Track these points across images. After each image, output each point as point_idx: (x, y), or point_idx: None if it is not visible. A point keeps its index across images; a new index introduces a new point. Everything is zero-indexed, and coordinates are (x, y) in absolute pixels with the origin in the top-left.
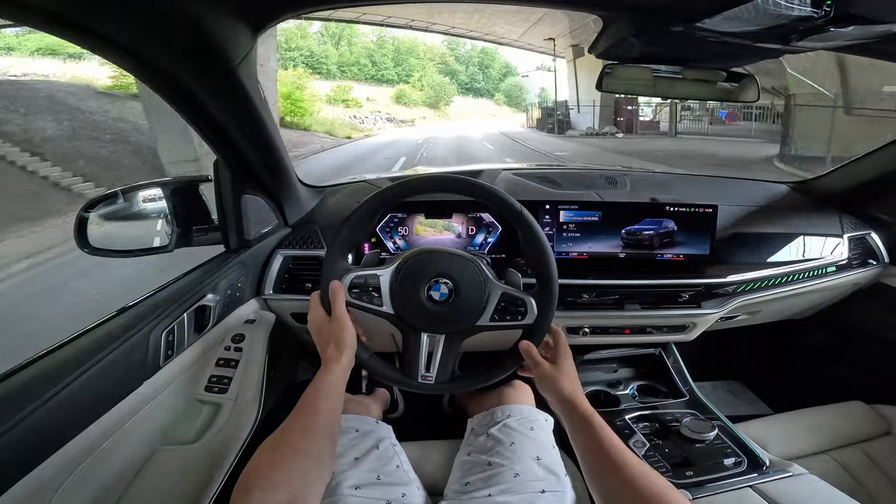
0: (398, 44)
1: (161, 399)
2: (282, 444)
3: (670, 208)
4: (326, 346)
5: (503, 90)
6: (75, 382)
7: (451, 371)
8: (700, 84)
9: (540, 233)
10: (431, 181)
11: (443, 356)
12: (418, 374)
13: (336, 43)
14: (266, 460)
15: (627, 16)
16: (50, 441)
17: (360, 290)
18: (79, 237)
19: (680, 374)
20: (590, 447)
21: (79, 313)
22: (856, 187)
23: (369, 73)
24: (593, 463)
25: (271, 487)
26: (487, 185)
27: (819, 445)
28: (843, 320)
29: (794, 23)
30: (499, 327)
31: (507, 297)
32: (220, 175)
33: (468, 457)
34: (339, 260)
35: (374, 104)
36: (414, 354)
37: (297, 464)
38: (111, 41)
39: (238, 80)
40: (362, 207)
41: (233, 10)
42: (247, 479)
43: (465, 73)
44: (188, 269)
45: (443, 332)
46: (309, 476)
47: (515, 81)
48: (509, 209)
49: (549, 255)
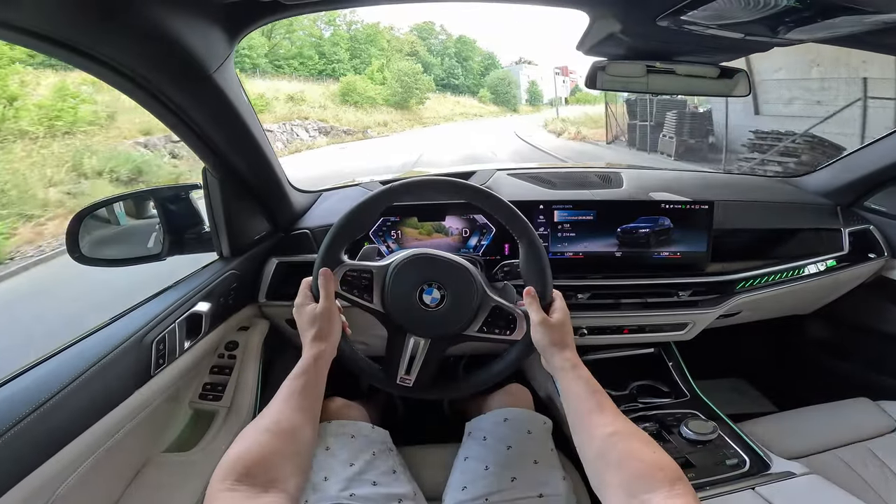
0: (356, 32)
1: (155, 407)
2: (260, 430)
3: (666, 205)
4: (309, 333)
5: (488, 85)
6: (68, 389)
7: (432, 376)
8: (694, 80)
9: (542, 250)
10: (440, 184)
11: (425, 360)
12: (398, 376)
13: (269, 32)
14: (243, 448)
15: (612, 11)
16: (43, 448)
17: (353, 283)
18: (70, 246)
19: (680, 373)
20: (571, 392)
21: None
22: (854, 180)
23: (316, 67)
24: (572, 410)
25: (249, 475)
26: (496, 195)
27: (824, 443)
28: (847, 315)
29: (781, 14)
30: (486, 339)
31: (499, 309)
32: (209, 182)
33: (466, 461)
34: (334, 250)
35: (300, 107)
36: (396, 354)
37: (276, 449)
38: (85, 52)
39: (217, 88)
40: (368, 200)
41: (209, 19)
42: (222, 469)
43: (441, 67)
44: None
45: (429, 337)
46: (289, 462)
47: (502, 74)
48: (515, 223)
49: (548, 274)
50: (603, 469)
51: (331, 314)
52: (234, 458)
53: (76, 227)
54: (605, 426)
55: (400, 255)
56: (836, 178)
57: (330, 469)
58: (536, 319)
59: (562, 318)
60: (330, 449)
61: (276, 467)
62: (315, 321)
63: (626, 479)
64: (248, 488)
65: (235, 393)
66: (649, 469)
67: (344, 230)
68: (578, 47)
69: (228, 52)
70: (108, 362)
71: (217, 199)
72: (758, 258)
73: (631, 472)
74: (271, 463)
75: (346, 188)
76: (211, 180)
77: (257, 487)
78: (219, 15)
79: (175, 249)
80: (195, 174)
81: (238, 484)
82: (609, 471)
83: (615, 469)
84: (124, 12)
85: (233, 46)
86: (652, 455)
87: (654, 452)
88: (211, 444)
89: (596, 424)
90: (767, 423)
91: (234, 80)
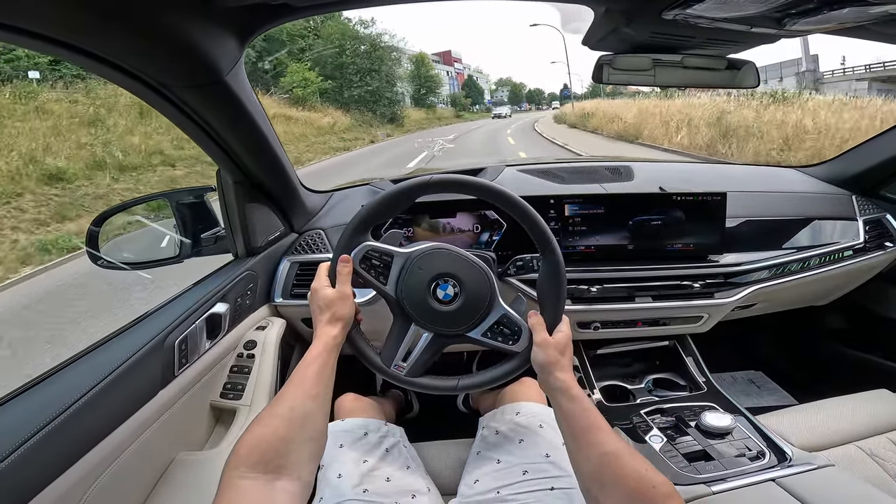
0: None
1: (178, 406)
2: (273, 416)
3: (678, 197)
4: (322, 317)
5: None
6: (93, 391)
7: (425, 369)
8: (701, 72)
9: (563, 273)
10: (465, 183)
11: (422, 353)
12: (393, 362)
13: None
14: (256, 434)
15: (618, 6)
16: (73, 450)
17: (372, 262)
18: (90, 251)
19: (697, 365)
20: (565, 412)
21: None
22: (869, 169)
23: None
24: (566, 430)
25: (262, 462)
26: (531, 209)
27: (845, 435)
28: (865, 305)
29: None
30: (487, 345)
31: (507, 318)
32: (223, 185)
33: (478, 455)
34: (354, 236)
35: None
36: (396, 342)
37: (288, 435)
38: (100, 58)
39: (230, 91)
40: (405, 187)
41: (220, 23)
42: (236, 456)
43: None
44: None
45: (433, 331)
46: (301, 448)
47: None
48: (542, 237)
49: (563, 301)
50: (597, 488)
51: (345, 299)
52: (247, 445)
53: (95, 231)
54: (597, 445)
55: (423, 245)
56: (850, 167)
57: (344, 465)
58: (539, 339)
59: (563, 341)
60: (344, 446)
61: (289, 454)
62: (329, 305)
63: (620, 497)
64: (261, 475)
65: (255, 391)
66: (643, 487)
67: (373, 214)
68: (584, 42)
69: (239, 55)
70: (134, 363)
71: (231, 200)
72: (772, 248)
73: (625, 490)
74: (285, 450)
75: (357, 187)
76: (225, 182)
77: (270, 474)
78: (229, 18)
79: (191, 252)
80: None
81: (251, 471)
82: (604, 490)
83: (609, 488)
84: (136, 17)
85: (244, 49)
86: (644, 473)
87: (646, 470)
88: (233, 443)
89: (589, 444)
90: (786, 416)
91: (246, 83)
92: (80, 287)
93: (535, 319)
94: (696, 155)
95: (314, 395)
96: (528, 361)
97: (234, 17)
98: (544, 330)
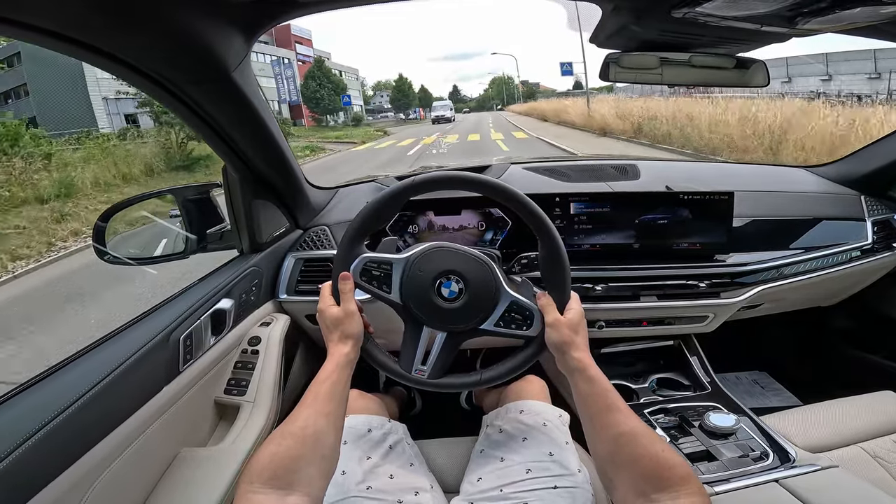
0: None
1: (183, 402)
2: (286, 435)
3: (685, 196)
4: (333, 336)
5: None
6: (98, 387)
7: (447, 369)
8: (709, 70)
9: (564, 255)
10: (460, 179)
11: (440, 353)
12: (413, 367)
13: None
14: (270, 452)
15: (627, 3)
16: (76, 447)
17: (372, 273)
18: (98, 247)
19: (702, 365)
20: (582, 393)
21: None
22: (878, 169)
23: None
24: (583, 410)
25: (275, 478)
26: (518, 192)
27: (849, 437)
28: (871, 307)
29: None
30: (502, 334)
31: (516, 304)
32: (229, 181)
33: (482, 453)
34: (351, 249)
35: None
36: (412, 347)
37: (301, 454)
38: (108, 54)
39: (236, 86)
40: (388, 194)
41: (226, 19)
42: (250, 471)
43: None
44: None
45: (445, 330)
46: (313, 466)
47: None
48: (532, 216)
49: (567, 280)
50: (613, 469)
51: (352, 316)
52: (261, 462)
53: (102, 227)
54: (615, 426)
55: (419, 248)
56: (859, 167)
57: (347, 462)
58: (550, 320)
59: (576, 319)
60: (347, 443)
61: (301, 471)
62: (337, 325)
63: (635, 478)
64: (273, 490)
65: (259, 388)
66: (659, 468)
67: (364, 224)
68: (592, 40)
69: (246, 51)
70: (139, 358)
71: (237, 196)
72: (779, 249)
73: (640, 471)
74: (297, 467)
75: (362, 184)
76: (231, 178)
77: (282, 490)
78: (236, 14)
79: (197, 248)
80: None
81: (264, 486)
82: (619, 471)
83: (625, 469)
84: (143, 13)
85: (250, 45)
86: (661, 454)
87: (663, 451)
88: (237, 438)
89: (606, 425)
90: (791, 416)
91: (253, 79)
92: None
93: (545, 300)
94: (702, 154)
95: (326, 413)
96: (545, 344)
97: (240, 13)
98: (555, 310)
